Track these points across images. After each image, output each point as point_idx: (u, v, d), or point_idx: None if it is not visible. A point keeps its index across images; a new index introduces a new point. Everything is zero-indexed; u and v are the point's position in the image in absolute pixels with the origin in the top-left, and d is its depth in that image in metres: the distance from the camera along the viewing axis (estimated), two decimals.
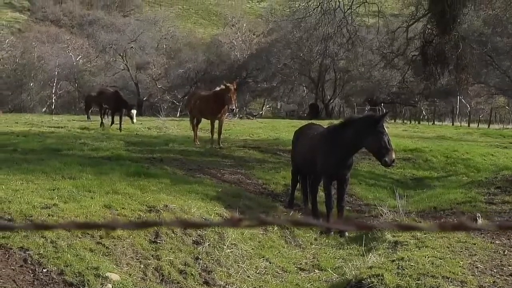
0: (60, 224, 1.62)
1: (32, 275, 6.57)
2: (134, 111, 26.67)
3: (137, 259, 7.70)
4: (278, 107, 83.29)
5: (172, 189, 11.37)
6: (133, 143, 19.69)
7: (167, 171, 14.26)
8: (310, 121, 16.50)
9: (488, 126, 49.60)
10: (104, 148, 17.69)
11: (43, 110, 67.05)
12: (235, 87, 19.23)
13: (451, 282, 7.08)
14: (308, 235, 10.87)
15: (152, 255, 7.91)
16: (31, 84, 69.11)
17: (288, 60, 67.40)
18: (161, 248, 8.12)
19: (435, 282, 7.04)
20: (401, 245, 8.99)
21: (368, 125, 10.76)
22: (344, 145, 11.18)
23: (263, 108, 76.81)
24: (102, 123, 28.01)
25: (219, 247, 8.77)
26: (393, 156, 10.67)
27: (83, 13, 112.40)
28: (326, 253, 9.93)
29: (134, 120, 27.23)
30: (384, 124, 10.91)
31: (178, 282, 7.64)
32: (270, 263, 9.07)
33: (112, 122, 27.77)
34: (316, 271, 9.03)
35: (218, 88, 20.19)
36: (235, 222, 1.71)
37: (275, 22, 67.32)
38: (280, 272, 8.88)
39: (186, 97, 48.53)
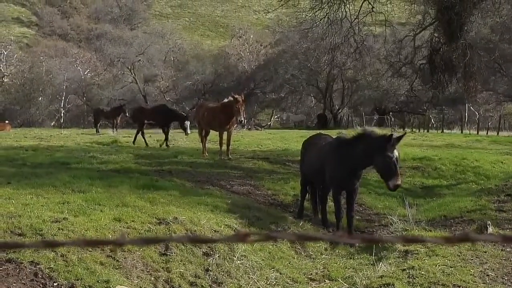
0: (69, 241, 1.63)
1: None
2: (188, 122, 25.74)
3: (147, 272, 7.71)
4: (284, 118, 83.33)
5: (181, 201, 11.38)
6: (142, 156, 19.71)
7: (176, 183, 14.25)
8: (318, 132, 16.46)
9: (497, 134, 49.27)
10: (113, 161, 17.72)
11: (52, 124, 67.52)
12: (243, 98, 19.22)
13: None
14: (318, 245, 10.83)
15: (162, 268, 7.91)
16: (40, 99, 69.57)
17: (296, 70, 67.50)
18: (171, 260, 8.12)
19: None
20: (411, 254, 8.97)
21: (380, 146, 10.57)
22: (354, 159, 11.09)
23: (272, 119, 76.94)
24: (146, 142, 25.30)
25: (229, 258, 8.76)
26: (398, 182, 10.61)
27: (91, 27, 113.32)
28: (336, 263, 9.88)
29: (188, 131, 26.05)
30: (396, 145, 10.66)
31: None
32: (281, 274, 9.04)
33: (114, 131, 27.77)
34: (327, 281, 9.01)
35: (226, 100, 20.18)
36: (242, 238, 1.72)
37: (282, 33, 67.61)
38: (291, 282, 8.85)
39: (194, 109, 48.65)
